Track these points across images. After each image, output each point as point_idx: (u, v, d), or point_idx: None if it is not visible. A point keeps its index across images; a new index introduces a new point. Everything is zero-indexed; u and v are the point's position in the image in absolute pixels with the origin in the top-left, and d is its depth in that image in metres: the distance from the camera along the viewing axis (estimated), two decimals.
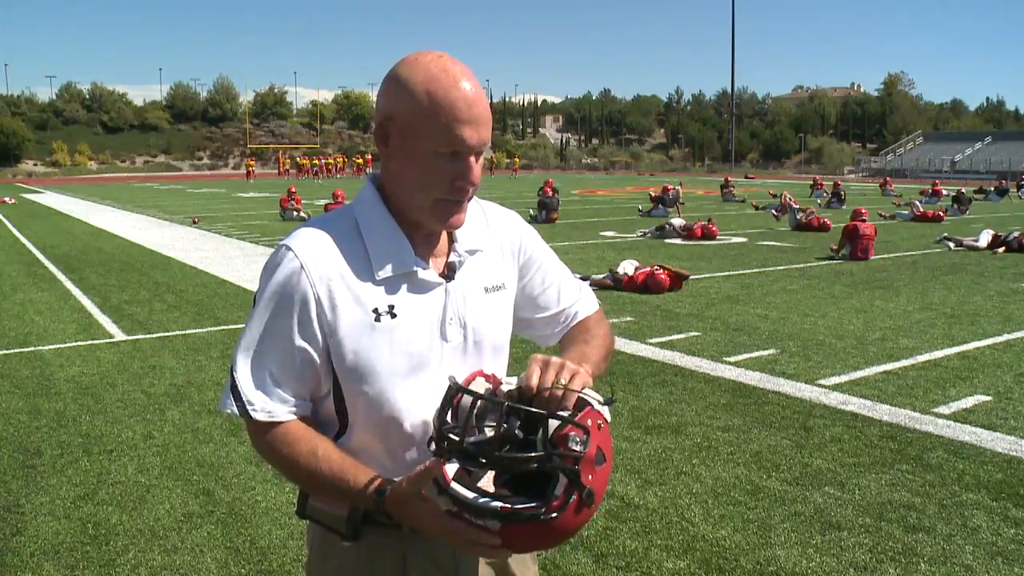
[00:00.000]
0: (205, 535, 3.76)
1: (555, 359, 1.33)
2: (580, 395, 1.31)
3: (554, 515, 1.24)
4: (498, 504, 1.25)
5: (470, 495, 1.26)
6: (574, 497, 1.25)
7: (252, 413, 1.42)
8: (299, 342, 1.40)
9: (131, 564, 3.51)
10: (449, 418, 1.31)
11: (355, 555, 1.48)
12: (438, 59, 1.38)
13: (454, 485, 1.26)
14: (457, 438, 1.26)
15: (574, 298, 1.67)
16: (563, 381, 1.29)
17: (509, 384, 1.37)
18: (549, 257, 1.66)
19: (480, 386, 1.35)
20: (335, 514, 1.46)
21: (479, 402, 1.32)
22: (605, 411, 1.34)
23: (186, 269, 12.53)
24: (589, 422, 1.27)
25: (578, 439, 1.24)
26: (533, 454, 1.24)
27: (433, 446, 1.32)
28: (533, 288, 1.63)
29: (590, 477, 1.26)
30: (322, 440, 1.42)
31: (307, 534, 1.60)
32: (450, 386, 1.34)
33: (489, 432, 1.29)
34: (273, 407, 1.42)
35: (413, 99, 1.36)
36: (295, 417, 1.44)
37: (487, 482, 1.30)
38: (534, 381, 1.30)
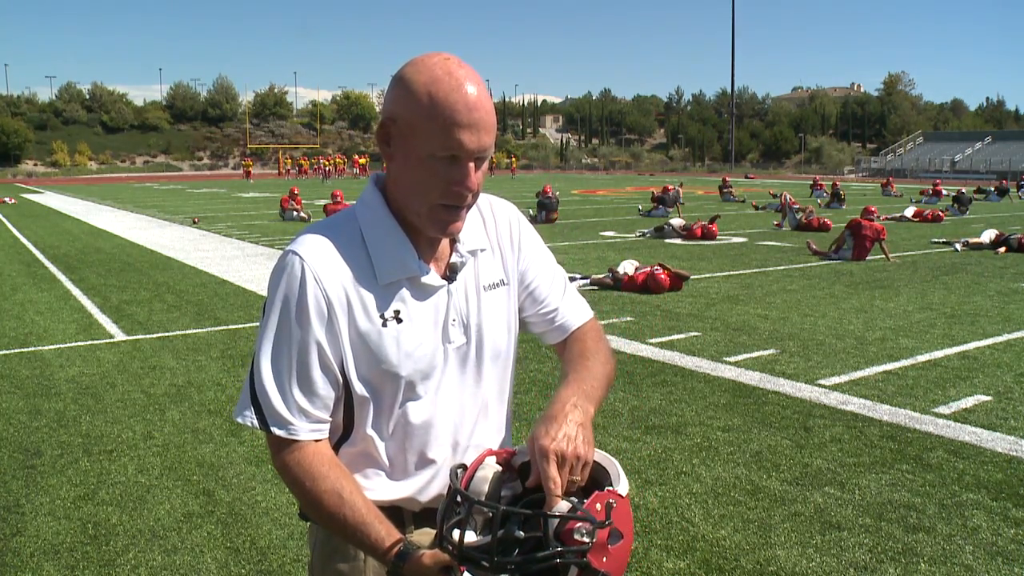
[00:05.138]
0: (205, 535, 3.76)
1: (561, 448, 1.28)
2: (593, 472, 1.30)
3: None
4: None
5: None
6: None
7: (272, 429, 1.40)
8: (318, 351, 1.38)
9: (131, 564, 3.51)
10: (465, 489, 1.29)
11: (358, 556, 1.48)
12: (444, 61, 1.36)
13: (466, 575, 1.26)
14: (456, 540, 1.24)
15: (567, 300, 1.63)
16: (575, 478, 1.28)
17: (522, 455, 1.35)
18: (543, 252, 1.63)
19: (490, 468, 1.32)
20: None
21: (492, 478, 1.30)
22: (622, 483, 1.31)
23: (186, 269, 12.53)
24: (598, 506, 1.24)
25: (584, 530, 1.22)
26: (539, 554, 1.22)
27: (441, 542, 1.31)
28: (526, 279, 1.59)
29: (604, 559, 1.23)
30: (347, 480, 1.39)
31: (309, 536, 1.60)
32: (449, 487, 1.31)
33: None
34: (294, 423, 1.39)
35: (414, 100, 1.34)
36: (316, 438, 1.41)
37: None
38: (544, 481, 1.27)
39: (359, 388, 1.42)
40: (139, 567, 3.49)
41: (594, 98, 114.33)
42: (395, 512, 1.45)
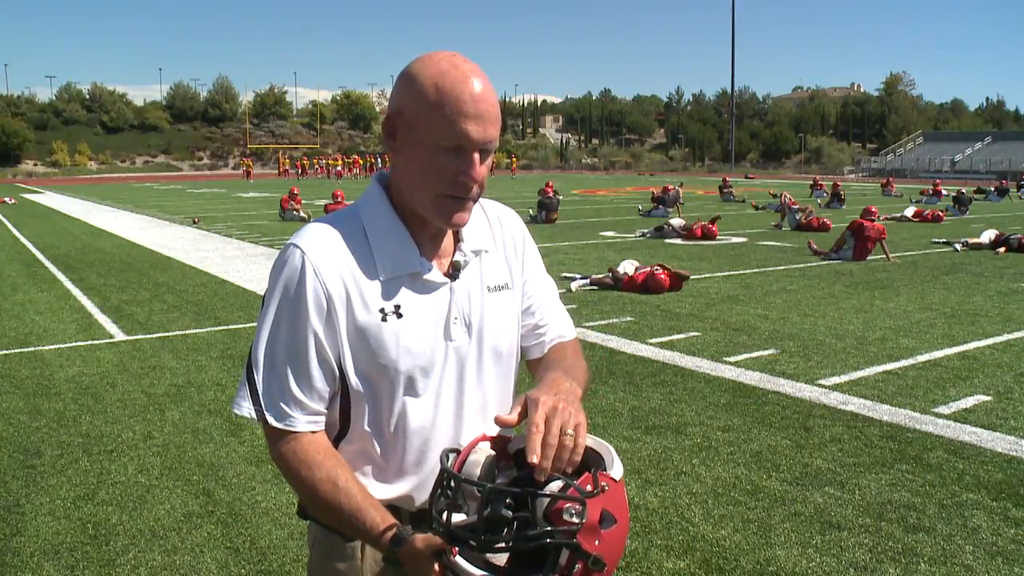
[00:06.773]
0: (205, 535, 3.76)
1: (549, 412, 1.26)
2: (585, 453, 1.29)
3: None
4: None
5: (473, 571, 1.25)
6: (578, 567, 1.22)
7: (269, 420, 1.40)
8: (315, 343, 1.39)
9: (131, 564, 3.51)
10: (464, 475, 1.29)
11: (355, 555, 1.49)
12: (450, 57, 1.39)
13: (457, 559, 1.25)
14: (444, 518, 1.24)
15: (558, 318, 1.64)
16: (568, 431, 1.24)
17: (517, 442, 1.33)
18: (542, 269, 1.66)
19: (483, 453, 1.32)
20: None
21: (485, 462, 1.30)
22: (616, 467, 1.30)
23: (186, 269, 12.53)
24: (588, 487, 1.23)
25: (573, 511, 1.21)
26: (528, 533, 1.21)
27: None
28: (525, 293, 1.61)
29: (596, 543, 1.22)
30: (342, 468, 1.40)
31: (308, 534, 1.60)
32: (441, 468, 1.31)
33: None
34: (291, 414, 1.40)
35: (421, 92, 1.36)
36: (312, 430, 1.42)
37: (501, 556, 1.28)
38: (535, 451, 1.23)
39: (356, 383, 1.42)
40: (139, 567, 3.49)
41: (594, 98, 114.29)
42: (392, 511, 1.45)
